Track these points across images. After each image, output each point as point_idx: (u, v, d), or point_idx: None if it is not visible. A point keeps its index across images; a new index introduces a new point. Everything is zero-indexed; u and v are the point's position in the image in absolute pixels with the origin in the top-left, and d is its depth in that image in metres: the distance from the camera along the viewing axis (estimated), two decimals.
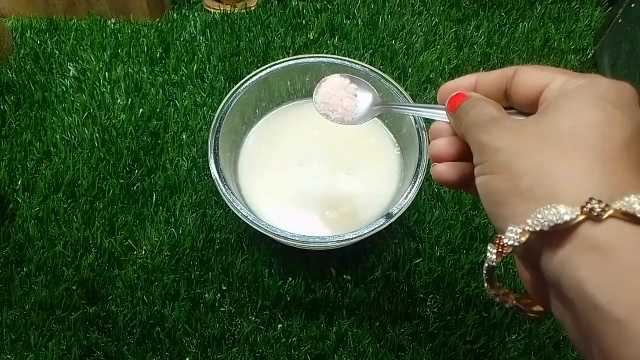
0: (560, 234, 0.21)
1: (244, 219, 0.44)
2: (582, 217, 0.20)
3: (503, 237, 0.23)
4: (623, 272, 0.19)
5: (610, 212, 0.20)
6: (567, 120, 0.23)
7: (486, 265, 0.24)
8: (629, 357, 0.18)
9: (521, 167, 0.23)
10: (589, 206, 0.20)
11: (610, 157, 0.21)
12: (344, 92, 0.40)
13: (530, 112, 0.26)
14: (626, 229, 0.20)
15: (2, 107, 0.64)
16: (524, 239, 0.22)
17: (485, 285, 0.25)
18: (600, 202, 0.20)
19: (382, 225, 0.43)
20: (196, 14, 0.73)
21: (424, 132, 0.46)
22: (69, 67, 0.68)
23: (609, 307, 0.19)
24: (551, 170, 0.22)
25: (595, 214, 0.20)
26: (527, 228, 0.22)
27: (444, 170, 0.30)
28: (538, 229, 0.21)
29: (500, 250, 0.23)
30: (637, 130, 0.22)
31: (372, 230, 0.43)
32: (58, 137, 0.62)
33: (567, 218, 0.20)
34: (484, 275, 0.25)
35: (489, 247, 0.24)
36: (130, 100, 0.64)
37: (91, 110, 0.64)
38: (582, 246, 0.20)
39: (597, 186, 0.21)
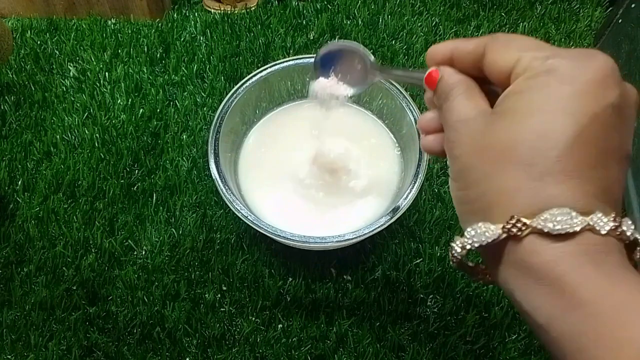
0: (491, 248, 0.23)
1: (244, 219, 0.44)
2: (504, 236, 0.22)
3: (454, 245, 0.25)
4: (536, 285, 0.21)
5: (528, 230, 0.21)
6: (509, 132, 0.23)
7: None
8: (556, 355, 0.21)
9: (468, 179, 0.24)
10: (508, 226, 0.22)
11: (539, 173, 0.22)
12: (330, 90, 0.41)
13: (505, 88, 0.25)
14: (540, 245, 0.21)
15: (2, 107, 0.64)
16: (464, 252, 0.24)
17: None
18: (518, 221, 0.21)
19: (382, 225, 0.43)
20: (196, 14, 0.73)
21: None
22: (69, 67, 0.68)
23: (532, 314, 0.22)
24: (488, 186, 0.23)
25: (513, 234, 0.21)
26: (464, 243, 0.24)
27: (431, 141, 0.30)
28: (468, 246, 0.23)
29: (451, 256, 0.25)
30: (585, 125, 0.21)
31: (372, 230, 0.43)
32: (58, 137, 0.62)
33: (490, 239, 0.22)
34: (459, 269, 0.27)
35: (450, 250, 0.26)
36: (130, 100, 0.64)
37: (91, 110, 0.64)
38: (507, 261, 0.23)
39: (522, 204, 0.22)
